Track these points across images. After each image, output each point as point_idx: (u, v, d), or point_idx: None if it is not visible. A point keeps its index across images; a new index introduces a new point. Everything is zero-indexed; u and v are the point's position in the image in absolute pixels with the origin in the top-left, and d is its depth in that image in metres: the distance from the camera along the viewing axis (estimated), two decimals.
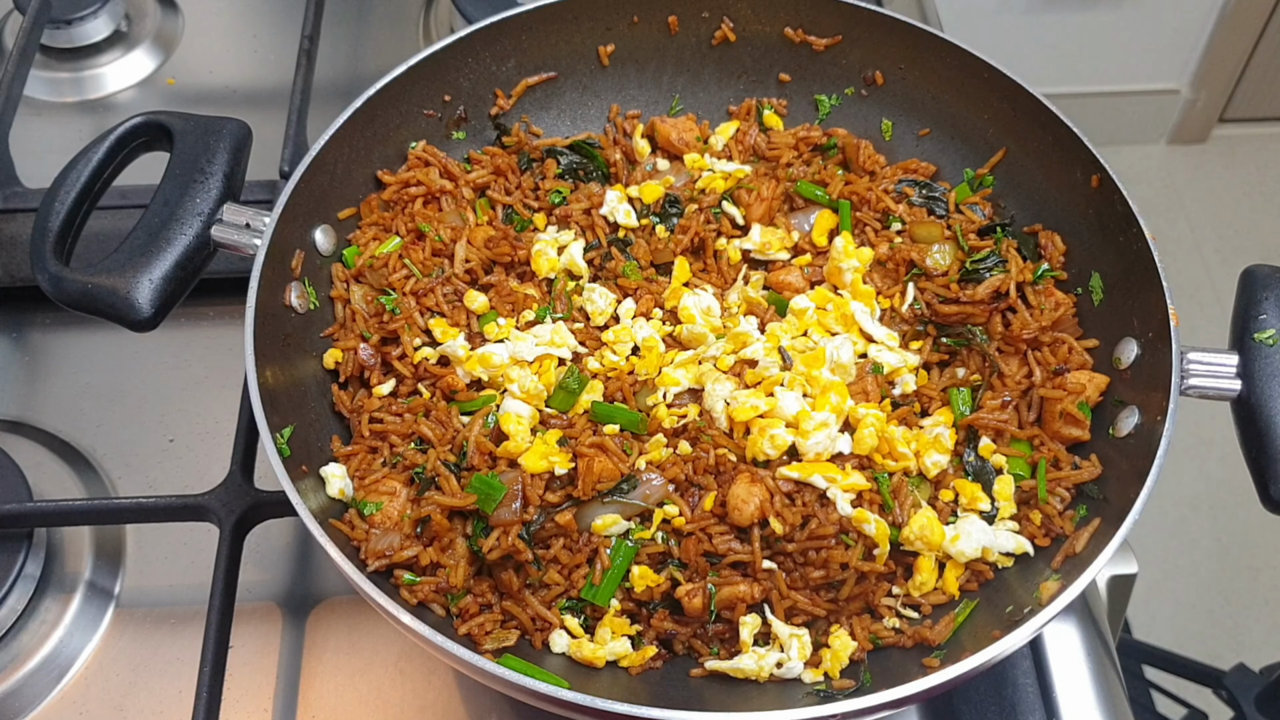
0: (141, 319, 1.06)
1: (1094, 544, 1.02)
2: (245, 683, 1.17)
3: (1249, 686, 1.94)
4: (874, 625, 1.06)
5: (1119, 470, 1.07)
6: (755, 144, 1.36)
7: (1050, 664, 1.17)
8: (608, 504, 1.06)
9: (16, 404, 1.38)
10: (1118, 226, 1.15)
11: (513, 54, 1.34)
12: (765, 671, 1.02)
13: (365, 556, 1.03)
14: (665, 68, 1.40)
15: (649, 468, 1.07)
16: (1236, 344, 1.08)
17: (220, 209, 1.12)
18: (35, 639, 1.19)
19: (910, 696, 0.91)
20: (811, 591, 1.06)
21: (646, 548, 1.05)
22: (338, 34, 1.75)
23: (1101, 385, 1.13)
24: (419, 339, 1.17)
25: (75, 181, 1.11)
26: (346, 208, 1.24)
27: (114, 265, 1.07)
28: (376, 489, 1.07)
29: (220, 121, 1.17)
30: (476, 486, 1.04)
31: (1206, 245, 3.72)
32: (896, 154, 1.37)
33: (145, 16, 1.78)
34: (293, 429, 1.06)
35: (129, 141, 1.15)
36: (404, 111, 1.28)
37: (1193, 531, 3.11)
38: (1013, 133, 1.28)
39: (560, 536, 1.06)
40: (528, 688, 0.89)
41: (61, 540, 1.25)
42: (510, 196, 1.31)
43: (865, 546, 1.05)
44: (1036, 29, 3.51)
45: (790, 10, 1.36)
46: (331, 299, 1.21)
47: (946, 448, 1.12)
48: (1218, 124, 3.96)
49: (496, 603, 1.06)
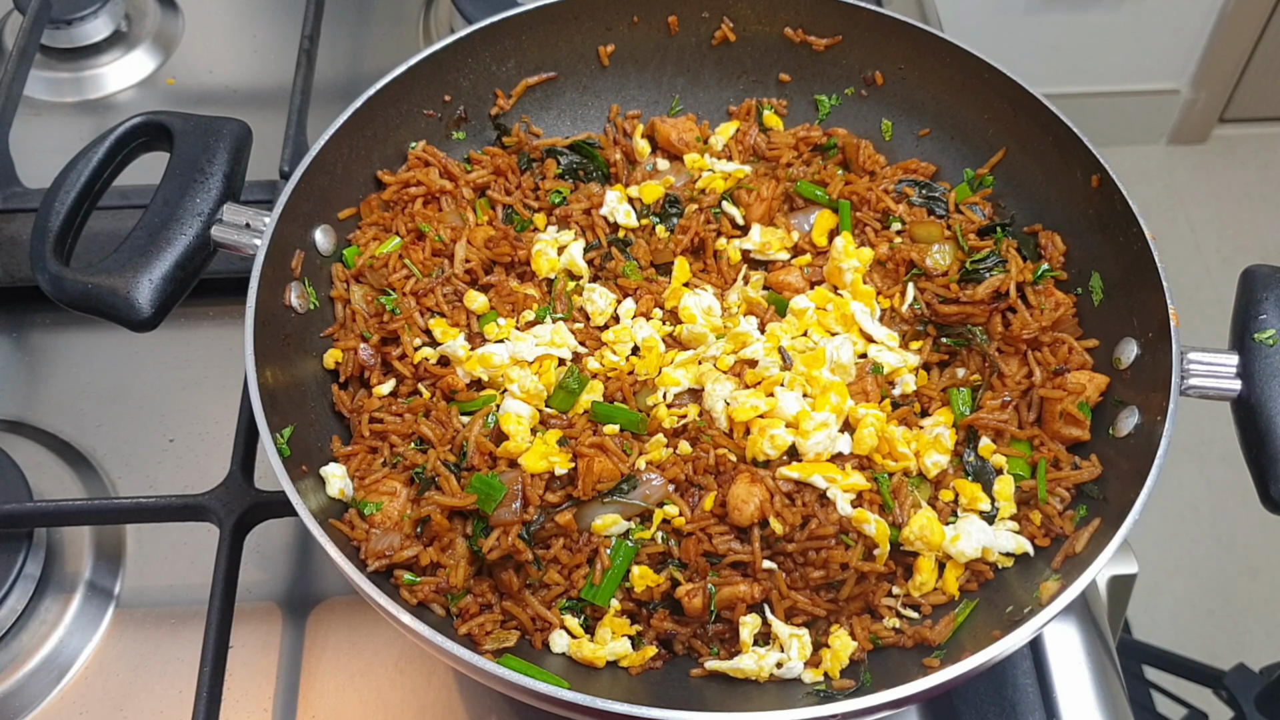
0: (141, 319, 1.06)
1: (1094, 544, 1.02)
2: (245, 683, 1.17)
3: (1249, 686, 1.94)
4: (874, 625, 1.06)
5: (1119, 470, 1.07)
6: (755, 144, 1.36)
7: (1050, 664, 1.17)
8: (608, 504, 1.06)
9: (16, 404, 1.38)
10: (1118, 226, 1.15)
11: (513, 54, 1.34)
12: (765, 671, 1.02)
13: (365, 556, 1.03)
14: (665, 68, 1.40)
15: (649, 468, 1.07)
16: (1237, 344, 1.08)
17: (220, 209, 1.12)
18: (35, 639, 1.19)
19: (910, 697, 0.91)
20: (811, 592, 1.06)
21: (646, 548, 1.05)
22: (338, 34, 1.75)
23: (1101, 385, 1.13)
24: (419, 339, 1.17)
25: (75, 181, 1.11)
26: (346, 208, 1.24)
27: (114, 265, 1.07)
28: (376, 489, 1.07)
29: (220, 121, 1.17)
30: (476, 486, 1.04)
31: (1206, 245, 3.72)
32: (896, 154, 1.37)
33: (145, 16, 1.78)
34: (293, 429, 1.06)
35: (129, 141, 1.15)
36: (404, 111, 1.28)
37: (1193, 531, 3.11)
38: (1013, 133, 1.28)
39: (560, 536, 1.06)
40: (528, 688, 0.89)
41: (61, 540, 1.25)
42: (510, 196, 1.31)
43: (865, 547, 1.05)
44: (1036, 29, 3.51)
45: (790, 10, 1.36)
46: (331, 299, 1.21)
47: (946, 448, 1.12)
48: (1218, 124, 3.96)
49: (496, 603, 1.06)
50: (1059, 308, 1.18)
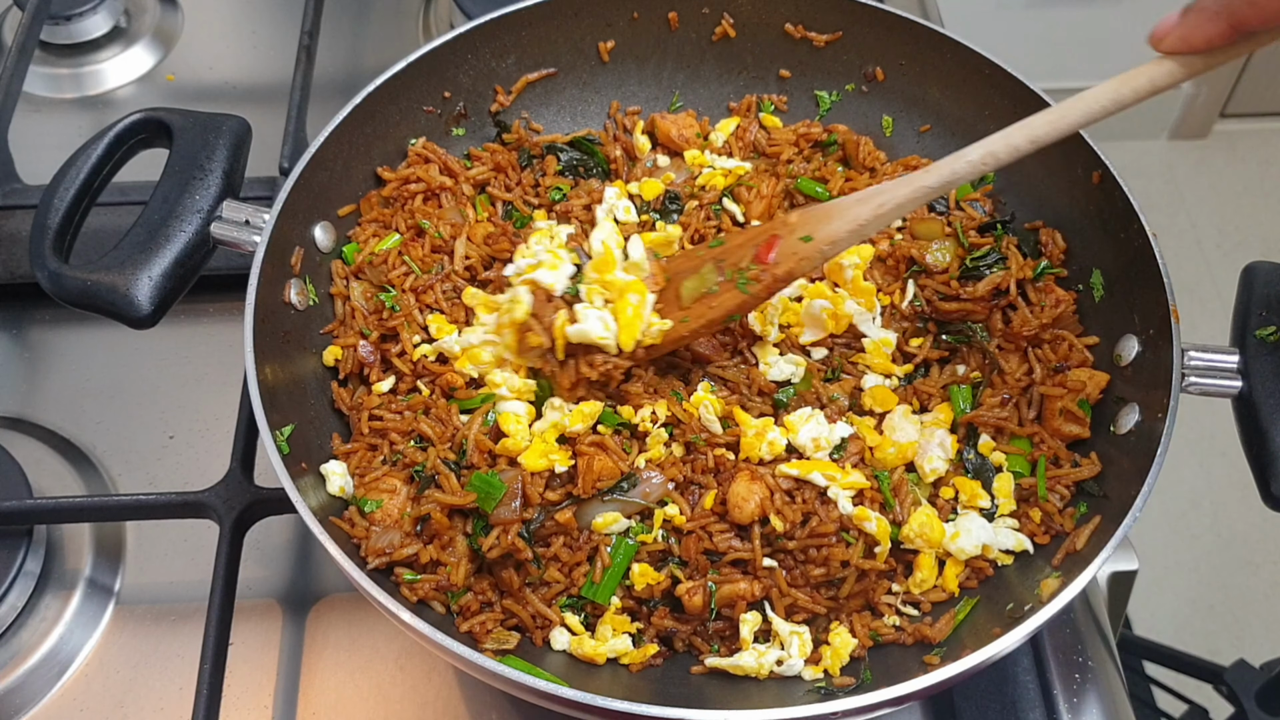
0: (141, 316, 1.06)
1: (1095, 541, 1.02)
2: (246, 679, 1.17)
3: (1249, 682, 1.94)
4: (874, 622, 1.06)
5: (1119, 467, 1.07)
6: (755, 140, 1.36)
7: (1051, 660, 1.17)
8: (608, 502, 1.05)
9: (16, 401, 1.38)
10: (1119, 223, 1.15)
11: (512, 50, 1.34)
12: (765, 669, 1.02)
13: (365, 554, 1.03)
14: (665, 64, 1.40)
15: (649, 466, 1.07)
16: (1237, 341, 1.07)
17: (220, 206, 1.12)
18: (35, 636, 1.19)
19: (911, 694, 0.91)
20: (812, 589, 1.06)
21: (647, 546, 1.05)
22: (337, 29, 1.75)
23: (1102, 382, 1.13)
24: (418, 336, 1.17)
25: (74, 179, 1.11)
26: (346, 204, 1.24)
27: (113, 262, 1.07)
28: (377, 487, 1.07)
29: (220, 118, 1.17)
30: (476, 485, 1.04)
31: (1207, 241, 3.71)
32: (897, 150, 1.37)
33: (144, 12, 1.78)
34: (293, 427, 1.06)
35: (128, 138, 1.15)
36: (403, 108, 1.28)
37: (1193, 528, 3.11)
38: None
39: (560, 535, 1.06)
40: (528, 685, 0.89)
41: (61, 537, 1.25)
42: (510, 193, 1.30)
43: (866, 544, 1.05)
44: (1038, 24, 3.50)
45: (791, 6, 1.36)
46: (331, 296, 1.21)
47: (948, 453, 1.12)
48: (1219, 119, 3.95)
49: (497, 600, 1.06)
50: (1059, 305, 1.18)
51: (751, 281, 1.07)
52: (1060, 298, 1.19)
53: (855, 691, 1.00)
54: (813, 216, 1.07)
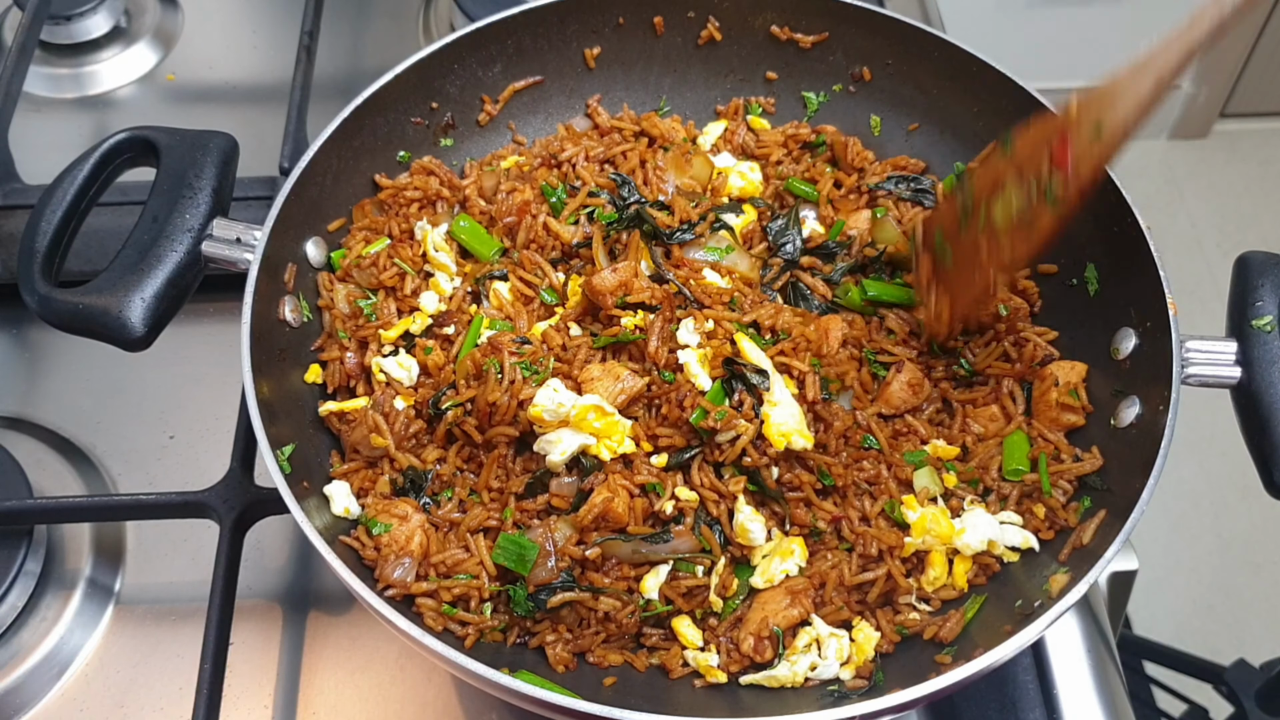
0: (134, 338, 1.04)
1: (1102, 535, 1.02)
2: (246, 679, 1.17)
3: (1249, 682, 1.93)
4: (896, 618, 1.06)
5: (1122, 461, 1.07)
6: (744, 143, 1.36)
7: (1051, 660, 1.17)
8: (639, 553, 1.04)
9: (16, 401, 1.38)
10: (1111, 218, 1.15)
11: (499, 59, 1.33)
12: (800, 677, 1.01)
13: (380, 580, 1.02)
14: (652, 69, 1.39)
15: (677, 507, 1.05)
16: (1234, 331, 1.07)
17: (210, 224, 1.10)
18: (35, 636, 1.19)
19: (924, 697, 0.90)
20: (846, 592, 1.06)
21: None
22: (338, 30, 1.75)
23: (1082, 371, 1.14)
24: (390, 346, 1.16)
25: (61, 200, 1.09)
26: (336, 219, 1.23)
27: (105, 284, 1.04)
28: (388, 511, 1.06)
29: (206, 135, 1.15)
30: (505, 548, 1.02)
31: (1207, 240, 3.71)
32: (886, 149, 1.36)
33: (145, 12, 1.78)
34: (294, 446, 1.05)
35: (114, 158, 1.13)
36: (391, 120, 1.27)
37: (1193, 527, 3.11)
38: (1002, 125, 1.27)
39: (597, 570, 1.05)
40: (541, 699, 0.89)
41: (62, 537, 1.25)
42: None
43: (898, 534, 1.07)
44: (1038, 24, 3.50)
45: (776, 8, 1.35)
46: (322, 310, 1.20)
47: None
48: (1219, 119, 3.95)
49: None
50: (1017, 311, 1.20)
51: (1059, 199, 1.03)
52: (1017, 304, 1.21)
53: (868, 694, 1.00)
54: (1095, 103, 1.02)
